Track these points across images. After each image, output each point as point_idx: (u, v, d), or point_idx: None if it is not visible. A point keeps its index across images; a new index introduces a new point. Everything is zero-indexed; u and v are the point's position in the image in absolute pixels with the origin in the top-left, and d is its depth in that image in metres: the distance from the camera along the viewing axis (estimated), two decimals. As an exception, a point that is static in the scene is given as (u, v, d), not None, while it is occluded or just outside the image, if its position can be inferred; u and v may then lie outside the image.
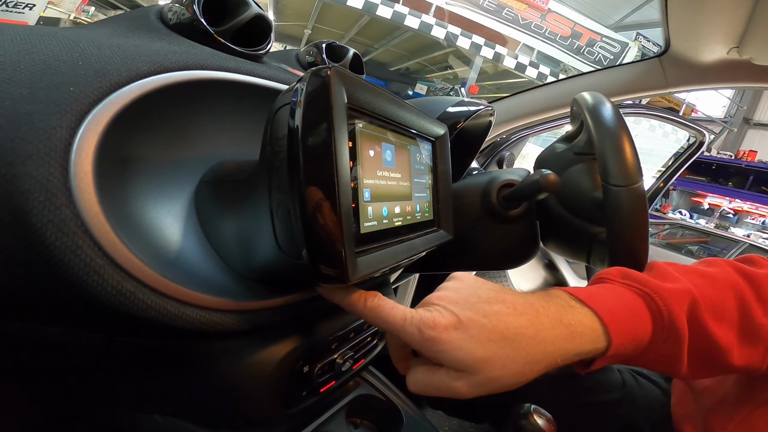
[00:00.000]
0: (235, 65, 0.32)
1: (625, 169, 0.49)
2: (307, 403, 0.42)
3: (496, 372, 0.29)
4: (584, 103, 0.57)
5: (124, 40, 0.29)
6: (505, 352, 0.29)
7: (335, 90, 0.25)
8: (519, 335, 0.29)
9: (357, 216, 0.30)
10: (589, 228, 0.60)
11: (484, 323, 0.29)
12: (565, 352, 0.31)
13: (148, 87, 0.25)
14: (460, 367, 0.29)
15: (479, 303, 0.31)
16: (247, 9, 0.35)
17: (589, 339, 0.32)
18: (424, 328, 0.29)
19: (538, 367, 0.30)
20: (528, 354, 0.29)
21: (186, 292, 0.27)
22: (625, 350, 0.33)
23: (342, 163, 0.25)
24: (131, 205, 0.28)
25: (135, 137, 0.27)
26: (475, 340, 0.29)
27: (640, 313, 0.35)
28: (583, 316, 0.32)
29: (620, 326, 0.33)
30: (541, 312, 0.31)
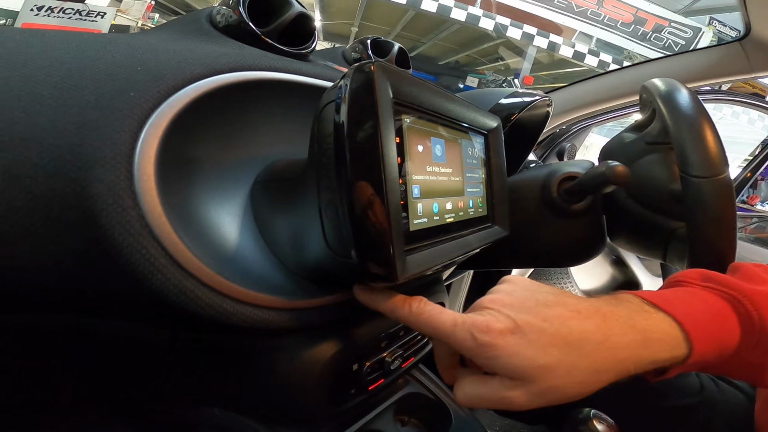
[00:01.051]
0: (283, 65, 0.32)
1: (707, 158, 0.45)
2: (356, 401, 0.42)
3: (558, 380, 0.26)
4: (656, 89, 0.53)
5: (179, 44, 0.30)
6: (569, 359, 0.26)
7: (379, 85, 0.24)
8: (584, 341, 0.27)
9: (406, 213, 0.29)
10: (665, 223, 0.55)
11: (544, 327, 0.27)
12: (639, 360, 0.28)
13: (203, 89, 0.26)
14: (516, 375, 0.26)
15: (537, 306, 0.28)
16: (290, 8, 0.35)
17: (668, 346, 0.29)
18: (477, 332, 0.27)
19: (607, 376, 0.27)
20: (595, 361, 0.26)
21: (241, 291, 0.27)
22: (707, 358, 0.30)
23: (389, 160, 0.24)
24: (191, 206, 0.29)
25: (192, 139, 0.28)
26: (534, 346, 0.26)
27: (726, 317, 0.32)
28: (660, 321, 0.29)
29: (703, 332, 0.30)
30: (608, 316, 0.28)
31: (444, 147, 0.35)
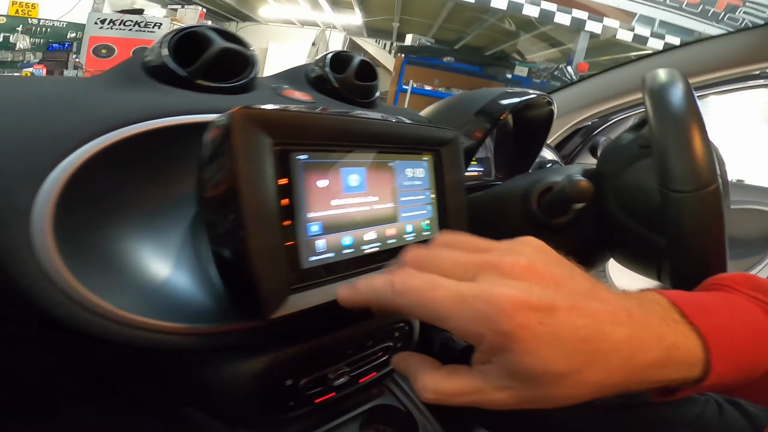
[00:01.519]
0: (198, 106, 0.33)
1: (692, 169, 0.39)
2: (301, 411, 0.44)
3: (563, 391, 0.21)
4: (648, 82, 0.46)
5: (98, 96, 0.32)
6: (590, 372, 0.21)
7: (242, 136, 0.24)
8: (614, 352, 0.21)
9: (296, 253, 0.29)
10: (657, 239, 0.50)
11: (580, 325, 0.21)
12: (649, 379, 0.23)
13: (97, 147, 0.28)
14: (521, 377, 0.21)
15: (576, 293, 0.22)
16: (211, 45, 0.36)
17: (683, 366, 0.23)
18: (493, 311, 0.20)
19: (608, 392, 0.22)
20: (610, 377, 0.21)
21: (141, 320, 0.29)
22: (726, 380, 0.25)
23: (254, 208, 0.25)
24: (104, 250, 0.31)
25: (104, 190, 0.31)
26: (561, 345, 0.20)
27: (764, 337, 0.26)
28: (685, 336, 0.24)
29: (730, 352, 0.24)
30: (642, 324, 0.22)
31: (365, 175, 0.35)
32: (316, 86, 0.50)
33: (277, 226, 0.27)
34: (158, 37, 0.38)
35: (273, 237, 0.27)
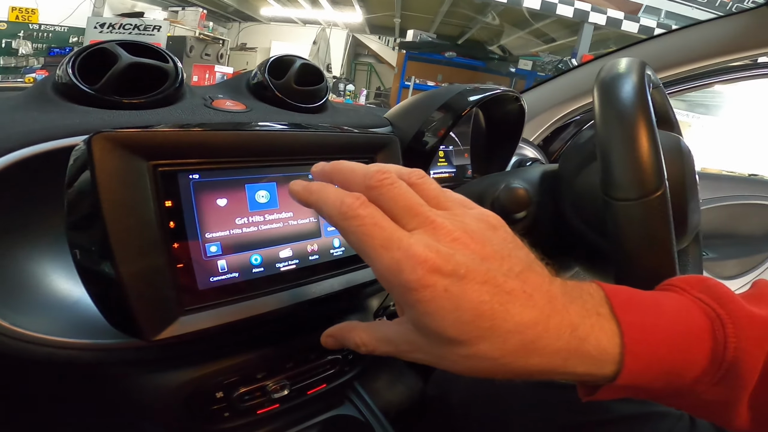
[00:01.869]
0: (100, 123, 0.32)
1: (632, 174, 0.36)
2: (241, 422, 0.43)
3: (459, 358, 0.22)
4: (602, 74, 0.43)
5: (1, 118, 0.32)
6: (482, 346, 0.22)
7: (104, 160, 0.23)
8: (512, 334, 0.21)
9: (190, 274, 0.28)
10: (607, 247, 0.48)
11: (484, 300, 0.21)
12: (552, 369, 0.23)
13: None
14: (422, 333, 0.23)
15: (498, 269, 0.22)
16: (117, 61, 0.35)
17: (590, 361, 0.23)
18: (407, 262, 0.21)
19: (509, 373, 0.23)
20: (505, 356, 0.22)
21: (27, 334, 0.29)
22: (643, 382, 0.24)
23: (121, 234, 0.24)
24: (6, 270, 0.31)
25: (8, 211, 0.30)
26: (458, 315, 0.21)
27: (695, 341, 0.24)
28: (602, 331, 0.23)
29: (648, 352, 0.23)
30: (558, 311, 0.23)
31: (275, 191, 0.34)
32: (255, 93, 0.49)
33: (161, 250, 0.27)
34: (157, 40, 0.38)
35: (153, 260, 0.26)
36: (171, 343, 0.28)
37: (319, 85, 0.53)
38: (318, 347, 0.48)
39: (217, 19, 6.69)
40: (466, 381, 0.62)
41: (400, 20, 6.47)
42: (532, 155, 1.07)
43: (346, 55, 7.80)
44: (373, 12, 6.41)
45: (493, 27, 6.03)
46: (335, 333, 0.30)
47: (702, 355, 0.24)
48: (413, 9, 5.98)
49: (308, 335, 0.46)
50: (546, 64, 6.23)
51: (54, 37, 4.12)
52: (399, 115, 0.67)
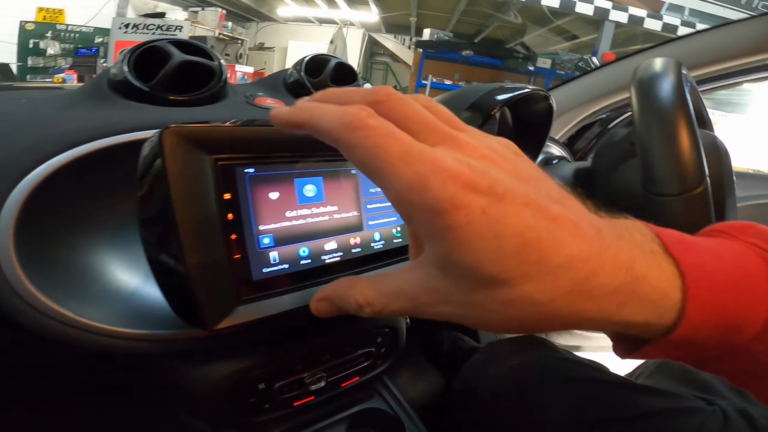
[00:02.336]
0: (156, 120, 0.34)
1: (674, 170, 0.37)
2: (279, 414, 0.45)
3: (494, 305, 0.18)
4: (638, 73, 0.43)
5: (57, 115, 0.34)
6: (528, 286, 0.17)
7: (173, 154, 0.25)
8: (564, 269, 0.17)
9: (245, 265, 0.30)
10: None
11: (529, 225, 0.17)
12: (605, 317, 0.18)
13: (54, 166, 0.29)
14: (449, 272, 0.18)
15: (540, 192, 0.18)
16: (170, 59, 0.36)
17: (650, 307, 0.19)
18: (440, 177, 0.17)
19: (551, 324, 0.18)
20: (555, 300, 0.17)
21: (96, 326, 0.31)
22: (701, 336, 0.19)
23: (189, 225, 0.25)
24: (67, 262, 0.32)
25: (65, 206, 0.32)
26: (501, 244, 0.17)
27: (758, 290, 0.20)
28: (660, 270, 0.19)
29: (710, 298, 0.19)
30: (610, 245, 0.18)
31: (322, 185, 0.35)
32: (292, 92, 0.50)
33: (221, 241, 0.28)
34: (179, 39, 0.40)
35: (215, 251, 0.27)
36: (228, 333, 0.29)
37: (353, 83, 0.54)
38: (352, 340, 0.49)
39: (235, 19, 6.77)
40: (496, 375, 0.62)
41: (416, 19, 6.46)
42: (558, 153, 1.06)
43: (363, 54, 7.82)
44: (389, 11, 6.42)
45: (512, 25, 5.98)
46: (330, 294, 0.24)
47: (765, 307, 0.20)
48: (429, 8, 5.97)
49: (344, 328, 0.48)
50: (566, 62, 6.14)
51: (81, 37, 4.22)
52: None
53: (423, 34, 6.11)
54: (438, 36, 5.98)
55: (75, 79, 3.93)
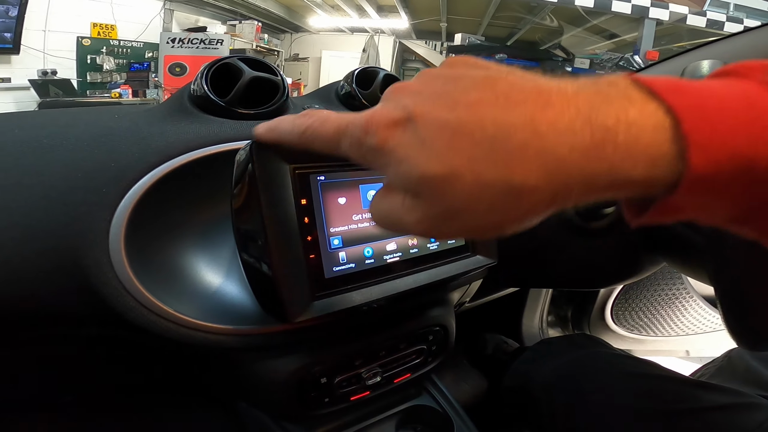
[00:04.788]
0: (235, 133, 0.38)
1: None
2: (337, 408, 0.48)
3: (459, 198, 0.18)
4: (685, 76, 0.45)
5: (154, 128, 0.38)
6: (477, 166, 0.17)
7: (260, 163, 0.28)
8: (500, 139, 0.17)
9: (318, 265, 0.32)
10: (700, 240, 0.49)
11: (446, 120, 0.18)
12: (590, 175, 0.17)
13: (157, 176, 0.34)
14: (408, 187, 0.19)
15: (451, 90, 0.19)
16: (242, 75, 0.40)
17: (645, 155, 0.16)
18: (362, 133, 0.20)
19: (535, 197, 0.17)
20: (513, 171, 0.17)
21: (192, 321, 0.35)
22: (713, 184, 0.17)
23: (275, 227, 0.29)
24: (167, 261, 0.37)
25: (164, 211, 0.36)
26: (428, 147, 0.18)
27: None
28: (643, 115, 0.17)
29: (720, 141, 0.16)
30: (553, 104, 0.17)
31: (383, 191, 0.38)
32: (345, 103, 0.53)
33: (299, 242, 0.31)
34: (221, 53, 0.44)
35: (294, 252, 0.30)
36: (305, 327, 0.32)
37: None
38: (406, 337, 0.51)
39: (270, 31, 7.00)
40: (550, 368, 0.63)
41: (446, 24, 6.46)
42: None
43: (395, 61, 7.89)
44: (419, 17, 6.45)
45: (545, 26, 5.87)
46: None
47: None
48: (459, 13, 5.96)
49: (398, 325, 0.50)
50: (605, 62, 5.96)
51: (132, 52, 4.45)
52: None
53: (454, 39, 6.11)
54: (470, 40, 5.97)
55: (130, 93, 4.17)
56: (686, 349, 1.21)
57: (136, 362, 0.50)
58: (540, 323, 1.09)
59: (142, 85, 4.44)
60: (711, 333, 1.13)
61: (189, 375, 0.56)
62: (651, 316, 1.09)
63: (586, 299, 1.08)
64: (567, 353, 0.66)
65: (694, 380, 0.58)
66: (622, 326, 1.11)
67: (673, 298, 1.08)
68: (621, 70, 5.03)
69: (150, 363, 0.53)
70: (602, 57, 6.17)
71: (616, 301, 1.07)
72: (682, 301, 1.08)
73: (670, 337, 1.13)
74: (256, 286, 0.31)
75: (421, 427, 0.60)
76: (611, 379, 0.57)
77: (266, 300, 0.31)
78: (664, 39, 5.11)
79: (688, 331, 1.12)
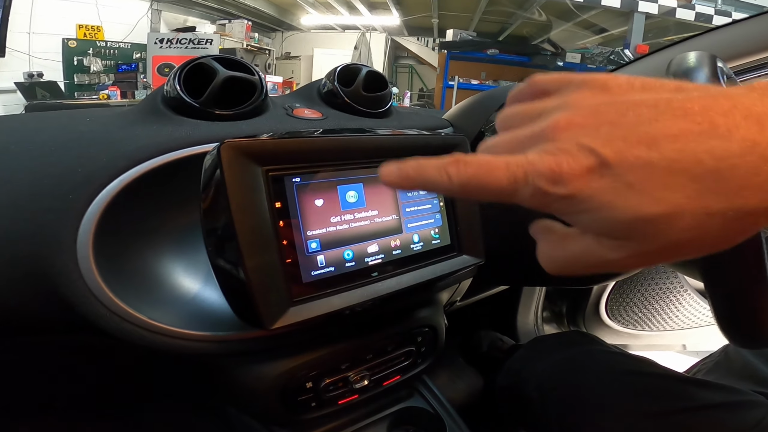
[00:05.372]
0: (209, 134, 0.36)
1: None
2: (325, 412, 0.47)
3: (684, 233, 0.17)
4: (673, 67, 0.44)
5: (125, 131, 0.37)
6: (702, 201, 0.17)
7: (231, 167, 0.27)
8: (725, 168, 0.16)
9: (296, 269, 0.31)
10: None
11: (651, 159, 0.17)
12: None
13: (126, 181, 0.33)
14: (616, 234, 0.18)
15: (637, 122, 0.18)
16: (215, 75, 0.38)
17: None
18: (546, 184, 0.18)
19: (755, 218, 0.17)
20: (747, 198, 0.16)
21: (168, 328, 0.34)
22: None
23: (247, 232, 0.27)
24: (138, 267, 0.35)
25: (135, 217, 0.35)
26: (638, 190, 0.17)
27: None
28: None
29: None
30: (763, 123, 0.17)
31: (362, 191, 0.36)
32: (327, 101, 0.52)
33: (274, 246, 0.30)
34: (211, 53, 0.42)
35: (269, 256, 0.29)
36: (283, 332, 0.31)
37: (384, 91, 0.55)
38: (393, 339, 0.51)
39: (261, 30, 6.94)
40: (544, 368, 0.62)
41: (438, 20, 6.43)
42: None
43: (387, 58, 7.86)
44: (410, 14, 6.42)
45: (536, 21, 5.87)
46: None
47: None
48: (450, 9, 5.93)
49: (385, 327, 0.49)
50: (596, 56, 5.97)
51: (120, 53, 4.39)
52: (458, 116, 0.68)
53: (446, 35, 6.08)
54: (461, 36, 5.94)
55: (119, 95, 4.12)
56: (683, 344, 1.21)
57: (125, 369, 0.49)
58: (535, 320, 1.08)
59: (131, 86, 4.39)
60: (706, 327, 1.13)
61: (179, 381, 0.55)
62: (645, 310, 1.09)
63: (581, 295, 1.08)
64: (561, 351, 0.65)
65: (690, 378, 0.58)
66: (617, 321, 1.10)
67: (667, 291, 1.08)
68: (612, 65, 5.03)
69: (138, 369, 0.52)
70: (593, 51, 6.18)
71: (610, 297, 1.06)
72: (676, 295, 1.08)
73: (666, 332, 1.13)
74: (229, 293, 0.30)
75: (413, 429, 0.59)
76: (605, 378, 0.57)
77: (240, 307, 0.30)
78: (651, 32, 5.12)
79: (683, 325, 1.12)
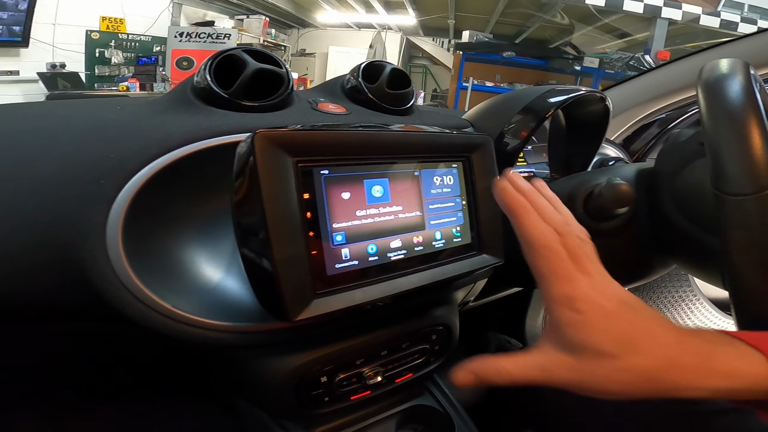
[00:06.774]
0: (237, 125, 0.37)
1: (746, 169, 0.36)
2: (337, 407, 0.47)
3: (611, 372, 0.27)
4: (704, 74, 0.43)
5: (155, 119, 0.37)
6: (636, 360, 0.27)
7: (263, 157, 0.27)
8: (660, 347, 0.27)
9: (321, 261, 0.32)
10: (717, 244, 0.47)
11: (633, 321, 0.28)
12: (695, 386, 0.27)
13: (157, 168, 0.33)
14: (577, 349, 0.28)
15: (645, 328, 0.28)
16: (245, 67, 0.39)
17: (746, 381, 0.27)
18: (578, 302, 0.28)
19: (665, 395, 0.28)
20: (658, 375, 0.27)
21: (190, 317, 0.34)
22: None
23: (276, 222, 0.28)
24: (164, 255, 0.36)
25: (163, 203, 0.35)
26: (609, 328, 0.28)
27: None
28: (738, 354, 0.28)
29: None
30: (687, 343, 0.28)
31: (388, 186, 0.36)
32: (351, 97, 0.52)
33: (301, 238, 0.30)
34: (229, 47, 0.43)
35: (296, 247, 0.29)
36: (305, 324, 0.31)
37: (407, 89, 0.55)
38: (409, 336, 0.51)
39: (277, 26, 6.98)
40: None
41: (454, 21, 6.41)
42: (614, 154, 1.03)
43: (401, 57, 7.86)
44: (427, 14, 6.40)
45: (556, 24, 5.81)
46: (475, 369, 0.31)
47: None
48: (467, 10, 5.90)
49: (401, 324, 0.49)
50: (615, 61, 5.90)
51: (140, 46, 4.44)
52: (479, 116, 0.68)
53: (462, 36, 6.06)
54: (477, 38, 5.91)
55: (138, 87, 4.17)
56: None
57: (136, 359, 0.50)
58: (543, 324, 1.08)
59: (150, 78, 4.44)
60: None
61: (188, 373, 0.55)
62: (657, 318, 1.07)
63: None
64: None
65: None
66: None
67: (680, 300, 1.06)
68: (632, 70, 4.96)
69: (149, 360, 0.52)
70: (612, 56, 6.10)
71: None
72: (688, 304, 1.06)
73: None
74: (256, 283, 0.30)
75: (422, 427, 0.59)
76: None
77: (266, 297, 0.30)
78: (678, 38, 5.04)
79: (695, 333, 1.10)
